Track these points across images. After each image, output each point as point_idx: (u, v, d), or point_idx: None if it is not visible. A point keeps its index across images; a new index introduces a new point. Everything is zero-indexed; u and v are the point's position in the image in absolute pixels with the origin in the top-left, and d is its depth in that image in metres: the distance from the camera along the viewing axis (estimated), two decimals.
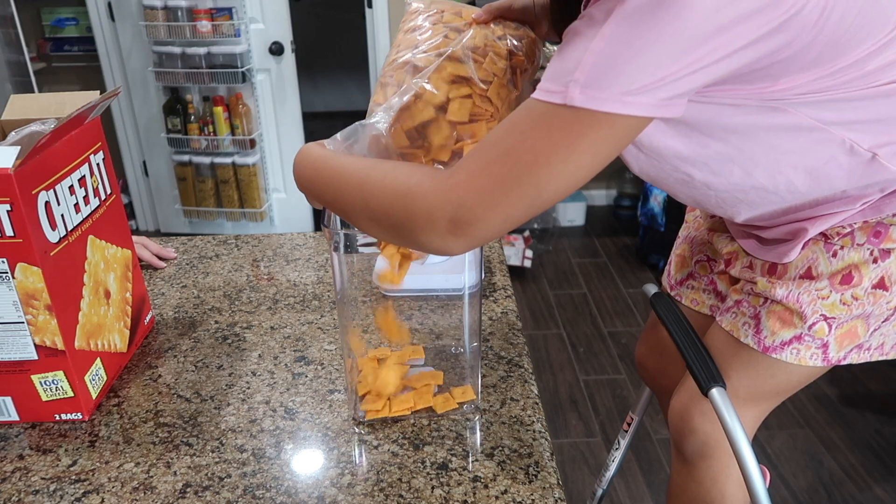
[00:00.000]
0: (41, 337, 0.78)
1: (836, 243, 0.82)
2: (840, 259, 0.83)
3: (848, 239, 0.82)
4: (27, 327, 0.78)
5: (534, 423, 0.77)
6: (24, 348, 0.79)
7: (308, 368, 0.88)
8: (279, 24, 3.12)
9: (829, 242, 0.83)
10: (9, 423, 0.81)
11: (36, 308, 0.77)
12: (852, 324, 0.85)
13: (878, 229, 0.81)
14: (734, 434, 0.81)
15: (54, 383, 0.81)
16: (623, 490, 1.89)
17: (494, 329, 0.94)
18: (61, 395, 0.81)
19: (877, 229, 0.81)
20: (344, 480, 0.69)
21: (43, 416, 0.82)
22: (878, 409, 2.19)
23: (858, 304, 0.83)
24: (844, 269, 0.82)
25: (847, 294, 0.83)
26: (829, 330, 0.85)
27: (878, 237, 0.80)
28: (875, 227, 0.81)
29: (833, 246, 0.83)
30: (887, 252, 0.81)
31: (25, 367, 0.80)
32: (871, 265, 0.82)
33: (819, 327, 0.84)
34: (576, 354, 2.53)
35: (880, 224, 0.80)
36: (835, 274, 0.83)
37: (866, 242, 0.81)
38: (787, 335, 0.87)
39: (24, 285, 0.75)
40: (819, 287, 0.84)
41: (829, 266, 0.83)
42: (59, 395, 0.81)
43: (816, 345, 0.85)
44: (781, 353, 0.87)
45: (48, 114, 0.86)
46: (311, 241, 1.26)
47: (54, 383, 0.81)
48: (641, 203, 3.19)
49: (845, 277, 0.83)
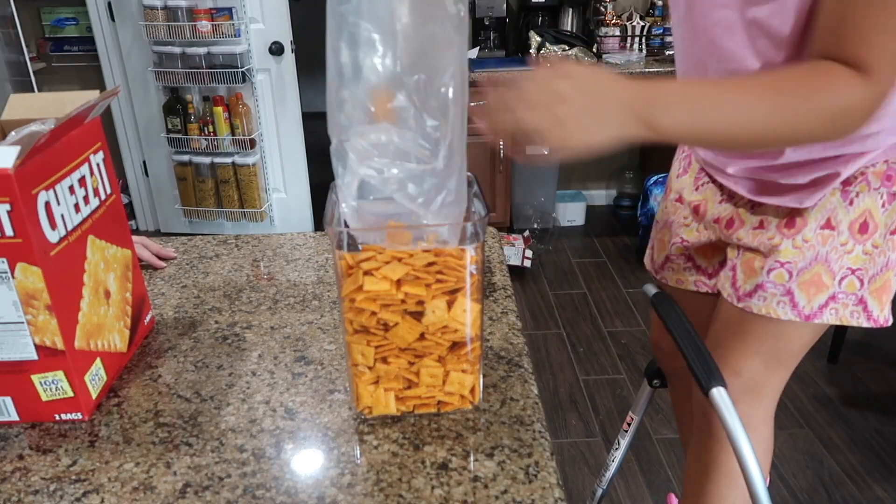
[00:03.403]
0: (41, 337, 0.78)
1: (852, 190, 0.85)
2: (856, 206, 0.85)
3: (864, 185, 0.85)
4: (27, 327, 0.78)
5: (534, 423, 0.77)
6: (23, 348, 0.79)
7: (308, 368, 0.88)
8: (279, 24, 3.12)
9: (846, 191, 0.85)
10: (9, 424, 0.81)
11: (36, 308, 0.77)
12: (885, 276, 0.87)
13: (889, 173, 0.84)
14: (735, 434, 0.81)
15: (54, 383, 0.81)
16: (623, 490, 1.89)
17: (494, 329, 0.94)
18: (61, 395, 0.81)
19: (888, 173, 0.84)
20: (344, 480, 0.69)
21: (43, 416, 0.82)
22: (878, 409, 2.19)
23: (880, 251, 0.85)
24: (860, 217, 0.85)
25: (868, 244, 0.85)
26: (861, 285, 0.87)
27: (890, 180, 0.83)
28: (887, 171, 0.84)
29: (850, 193, 0.85)
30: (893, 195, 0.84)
31: (25, 367, 0.80)
32: (881, 209, 0.85)
33: (849, 281, 0.87)
34: (576, 354, 2.53)
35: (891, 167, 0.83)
36: (853, 222, 0.86)
37: (881, 186, 0.84)
38: (823, 297, 0.90)
39: (24, 285, 0.75)
40: (842, 241, 0.86)
41: (847, 214, 0.86)
42: (58, 395, 0.81)
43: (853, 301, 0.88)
44: (821, 316, 0.90)
45: (48, 114, 0.85)
46: (311, 241, 1.26)
47: (54, 383, 0.81)
48: (641, 203, 3.20)
49: (862, 226, 0.85)
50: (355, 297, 0.71)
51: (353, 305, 0.71)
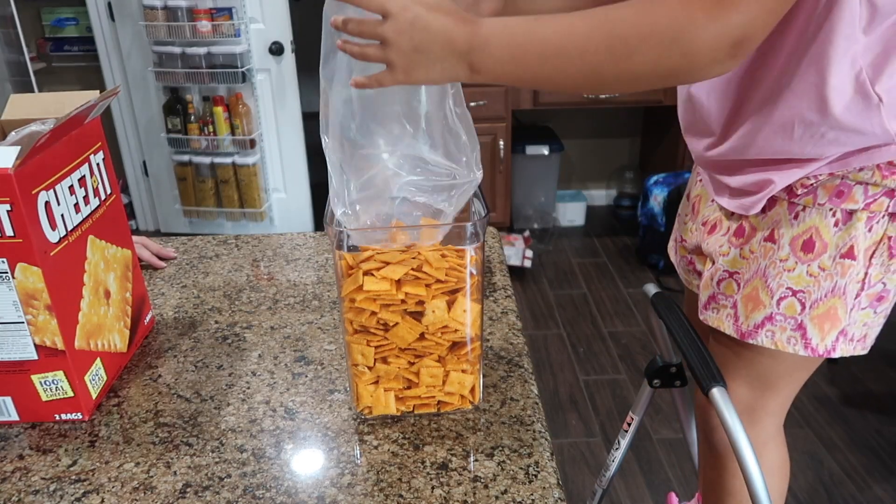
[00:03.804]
0: (41, 337, 0.78)
1: (798, 202, 0.80)
2: (801, 222, 0.80)
3: (810, 198, 0.79)
4: (27, 327, 0.78)
5: (534, 423, 0.77)
6: (24, 348, 0.79)
7: (308, 368, 0.88)
8: (279, 24, 3.12)
9: (793, 202, 0.80)
10: (9, 424, 0.81)
11: (36, 308, 0.77)
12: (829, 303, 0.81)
13: (841, 188, 0.78)
14: (734, 434, 0.81)
15: (54, 383, 0.81)
16: (623, 490, 1.89)
17: (494, 329, 0.94)
18: (61, 395, 0.81)
19: (840, 188, 0.78)
20: (344, 480, 0.69)
21: (43, 416, 0.82)
22: (878, 409, 2.19)
23: (826, 274, 0.80)
24: (805, 233, 0.80)
25: (814, 265, 0.80)
26: (802, 309, 0.81)
27: (840, 197, 0.78)
28: (838, 186, 0.78)
29: (796, 206, 0.80)
30: (849, 214, 0.78)
31: (25, 367, 0.80)
32: (833, 228, 0.79)
33: (788, 303, 0.82)
34: (576, 354, 2.53)
35: (844, 182, 0.78)
36: (796, 238, 0.80)
37: (828, 202, 0.79)
38: (759, 316, 0.84)
39: (24, 285, 0.75)
40: (782, 257, 0.81)
41: (790, 229, 0.81)
42: (59, 395, 0.81)
43: (791, 326, 0.82)
44: (756, 336, 0.84)
45: (48, 114, 0.86)
46: (311, 241, 1.26)
47: (54, 383, 0.81)
48: (641, 203, 3.20)
49: (806, 243, 0.80)
50: (355, 297, 0.71)
51: (353, 305, 0.71)
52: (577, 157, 3.79)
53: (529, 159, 3.43)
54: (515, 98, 3.14)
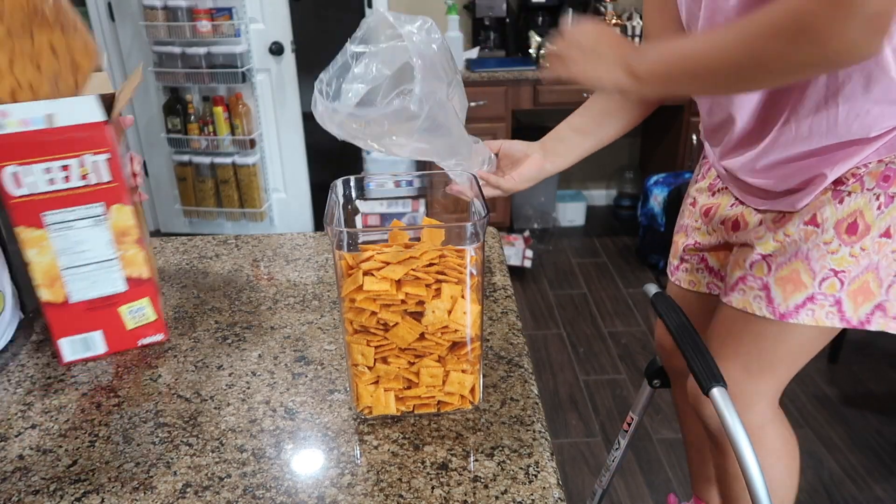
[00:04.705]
0: (130, 270, 0.90)
1: (845, 189, 0.83)
2: (846, 206, 0.83)
3: (857, 184, 0.82)
4: (118, 262, 0.89)
5: (534, 423, 0.77)
6: (114, 283, 0.90)
7: (308, 368, 0.88)
8: (279, 24, 3.12)
9: (837, 190, 0.83)
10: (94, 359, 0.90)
11: (126, 244, 0.88)
12: (863, 278, 0.84)
13: (888, 173, 0.81)
14: (735, 433, 0.81)
15: (139, 311, 0.92)
16: (623, 490, 1.89)
17: (494, 329, 0.94)
18: (144, 321, 0.93)
19: (886, 173, 0.81)
20: (344, 480, 0.69)
21: (128, 344, 0.93)
22: (878, 409, 2.19)
23: (866, 254, 0.83)
24: (850, 216, 0.83)
25: (856, 247, 0.83)
26: (841, 285, 0.84)
27: (888, 181, 0.81)
28: (885, 171, 0.81)
29: (841, 193, 0.83)
30: (891, 197, 0.81)
31: (114, 301, 0.90)
32: (876, 211, 0.82)
33: (829, 283, 0.85)
34: (576, 354, 2.53)
35: (889, 168, 0.81)
36: (840, 221, 0.83)
37: (875, 186, 0.81)
38: (800, 297, 0.87)
39: (117, 224, 0.86)
40: (826, 240, 0.84)
41: (834, 213, 0.83)
42: (142, 322, 0.93)
43: (829, 302, 0.85)
44: (797, 316, 0.87)
45: None
46: (311, 241, 1.26)
47: (139, 311, 0.92)
48: (641, 203, 3.20)
49: (851, 226, 0.83)
50: (355, 297, 0.71)
51: (353, 305, 0.71)
52: None
53: None
54: (515, 98, 3.14)
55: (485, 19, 3.34)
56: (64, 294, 0.87)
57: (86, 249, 0.86)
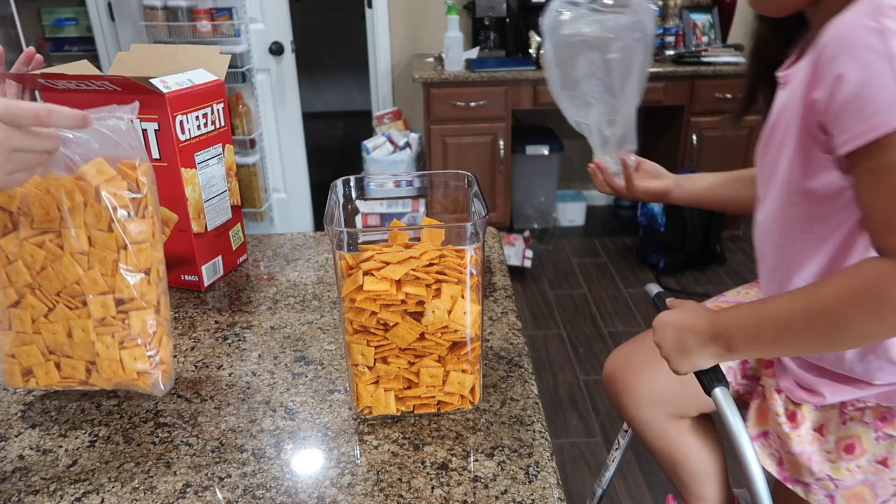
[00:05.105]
0: (234, 199, 1.11)
1: (848, 413, 0.87)
2: (847, 427, 0.87)
3: (858, 413, 0.86)
4: (228, 192, 1.09)
5: (534, 423, 0.77)
6: (227, 211, 1.10)
7: (308, 368, 0.88)
8: (279, 24, 3.12)
9: (843, 411, 0.87)
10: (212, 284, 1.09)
11: (231, 177, 1.10)
12: (859, 490, 0.88)
13: (885, 415, 0.85)
14: (736, 433, 0.81)
15: (237, 234, 1.13)
16: (623, 490, 1.89)
17: (494, 329, 0.94)
18: (239, 243, 1.14)
19: (884, 414, 0.85)
20: (344, 480, 0.69)
21: (233, 264, 1.13)
22: None
23: (861, 471, 0.87)
24: (848, 438, 0.87)
25: (852, 464, 0.87)
26: (836, 487, 0.89)
27: (884, 421, 0.85)
28: (883, 413, 0.85)
29: (845, 415, 0.87)
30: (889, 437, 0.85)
31: (226, 227, 1.10)
32: (873, 441, 0.86)
33: (825, 483, 0.89)
34: (576, 354, 2.53)
35: (889, 411, 0.84)
36: (840, 439, 0.88)
37: (872, 423, 0.85)
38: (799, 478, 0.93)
39: (228, 160, 1.08)
40: (828, 449, 0.88)
41: (837, 430, 0.88)
42: (238, 243, 1.14)
43: (823, 493, 0.90)
44: (796, 486, 0.92)
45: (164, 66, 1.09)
46: (311, 241, 1.26)
47: (237, 234, 1.13)
48: (641, 203, 3.19)
49: (848, 447, 0.87)
50: (355, 297, 0.71)
51: (353, 305, 0.71)
52: (577, 157, 3.79)
53: (529, 159, 3.43)
54: (516, 98, 3.14)
55: (485, 19, 3.34)
56: (205, 224, 1.05)
57: (214, 183, 1.06)
